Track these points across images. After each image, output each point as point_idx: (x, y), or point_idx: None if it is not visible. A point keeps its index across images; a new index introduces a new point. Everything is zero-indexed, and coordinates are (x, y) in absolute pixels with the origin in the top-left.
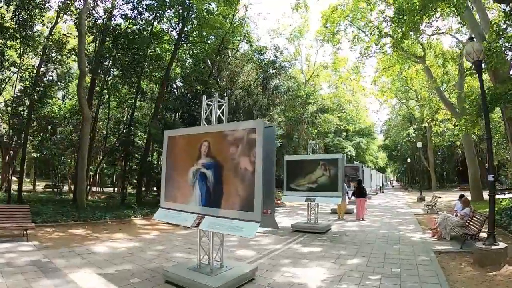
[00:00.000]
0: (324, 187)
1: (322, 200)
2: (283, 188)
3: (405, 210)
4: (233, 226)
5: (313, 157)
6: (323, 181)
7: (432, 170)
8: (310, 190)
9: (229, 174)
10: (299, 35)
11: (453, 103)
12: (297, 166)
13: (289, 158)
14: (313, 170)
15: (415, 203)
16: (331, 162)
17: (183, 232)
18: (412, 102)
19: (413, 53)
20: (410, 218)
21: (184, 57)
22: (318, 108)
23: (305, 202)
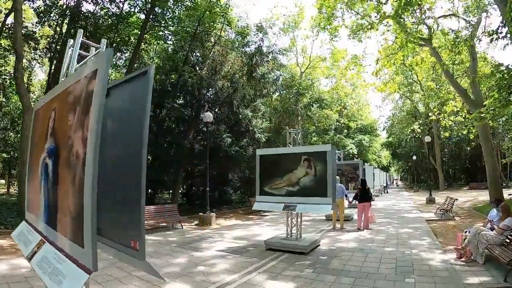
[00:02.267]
0: (309, 191)
1: (305, 209)
2: (256, 192)
3: (414, 214)
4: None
5: (293, 150)
6: (307, 182)
7: (439, 168)
8: (289, 194)
9: (64, 167)
10: (294, 25)
11: (466, 89)
12: (273, 163)
13: (263, 152)
14: (294, 168)
15: (424, 206)
16: (318, 157)
17: None
18: (417, 96)
19: (417, 35)
20: (422, 227)
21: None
22: (313, 99)
23: (284, 211)
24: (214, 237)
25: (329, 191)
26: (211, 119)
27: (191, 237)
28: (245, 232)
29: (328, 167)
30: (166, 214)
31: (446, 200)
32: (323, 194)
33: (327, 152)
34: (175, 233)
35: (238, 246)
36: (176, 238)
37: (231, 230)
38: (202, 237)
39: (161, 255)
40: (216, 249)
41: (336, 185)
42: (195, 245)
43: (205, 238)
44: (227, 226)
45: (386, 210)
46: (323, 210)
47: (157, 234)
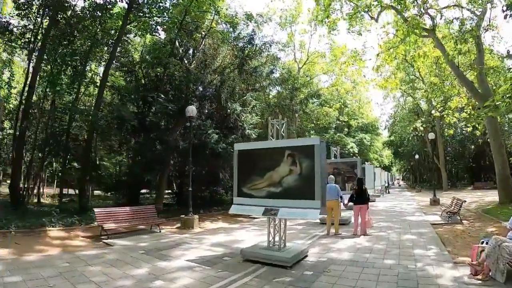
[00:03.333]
0: (293, 192)
1: (289, 213)
2: (233, 193)
3: (417, 217)
4: None
5: (275, 144)
6: (291, 182)
7: (442, 167)
8: (271, 196)
9: None
10: (291, 20)
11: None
12: (252, 159)
13: (241, 147)
14: (276, 165)
15: (428, 207)
16: (304, 152)
17: None
18: (419, 93)
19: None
20: (427, 232)
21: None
22: (309, 94)
23: (264, 216)
24: (191, 243)
25: (317, 193)
26: (195, 113)
27: (165, 242)
28: (227, 238)
29: (316, 164)
30: (143, 216)
31: (453, 202)
32: (310, 196)
33: (315, 146)
34: (150, 238)
35: (213, 255)
36: (148, 244)
37: (213, 235)
38: (177, 243)
39: (122, 264)
40: (187, 258)
41: (331, 185)
42: (165, 253)
43: (180, 244)
44: (211, 230)
45: (387, 212)
46: (310, 216)
47: (130, 238)
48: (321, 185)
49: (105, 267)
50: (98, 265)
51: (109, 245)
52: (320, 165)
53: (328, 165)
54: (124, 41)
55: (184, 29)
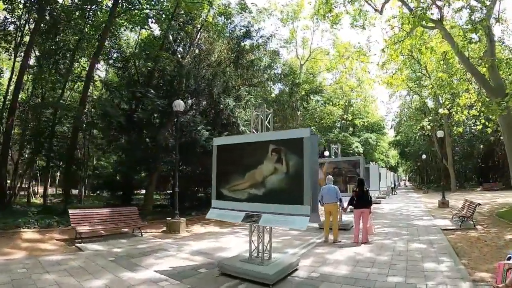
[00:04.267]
0: (278, 195)
1: (273, 221)
2: (212, 195)
3: (426, 221)
4: None
5: (258, 137)
6: (276, 182)
7: (450, 167)
8: (253, 199)
9: None
10: (293, 15)
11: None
12: (233, 156)
13: (221, 141)
14: (259, 162)
15: (437, 210)
16: (291, 146)
17: None
18: (426, 92)
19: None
20: (438, 240)
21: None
22: (310, 89)
23: (244, 222)
24: (169, 250)
25: (307, 196)
26: (182, 107)
27: (142, 248)
28: (212, 244)
29: (305, 161)
30: (123, 219)
31: (465, 205)
32: (298, 201)
33: (304, 139)
34: (128, 242)
35: (189, 265)
36: (123, 249)
37: (199, 240)
38: (154, 249)
39: (83, 273)
40: (157, 268)
41: (329, 187)
42: (136, 261)
43: (156, 251)
44: (197, 235)
45: (393, 216)
46: (298, 224)
47: (107, 242)
48: (311, 186)
49: (62, 276)
50: (56, 273)
51: (80, 250)
52: (310, 162)
53: (328, 164)
54: (115, 36)
55: (177, 21)
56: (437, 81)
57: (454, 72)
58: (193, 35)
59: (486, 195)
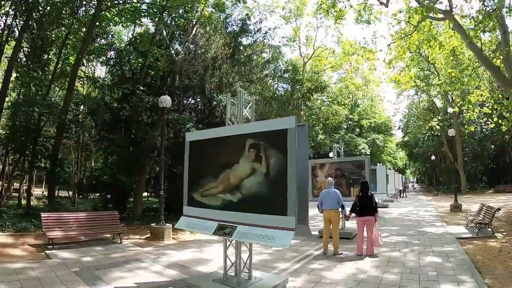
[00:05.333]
0: (256, 202)
1: (248, 236)
2: (183, 200)
3: (438, 228)
4: None
5: (233, 130)
6: (254, 187)
7: (461, 169)
8: (228, 207)
9: None
10: (296, 12)
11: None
12: (206, 153)
13: (194, 136)
14: (234, 161)
15: (449, 214)
16: (272, 140)
17: None
18: (434, 90)
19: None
20: (454, 252)
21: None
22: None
23: (216, 236)
24: (144, 261)
25: (291, 205)
26: (169, 104)
27: (115, 257)
28: (194, 255)
29: (289, 159)
30: (101, 224)
31: (481, 210)
32: (280, 210)
33: (288, 131)
34: (103, 250)
35: (158, 282)
36: (94, 259)
37: (181, 250)
38: (127, 260)
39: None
40: (120, 284)
41: (329, 191)
42: (102, 273)
43: (129, 262)
44: (182, 243)
45: (403, 221)
46: (279, 241)
47: (80, 250)
48: (298, 191)
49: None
50: (7, 284)
51: (48, 258)
52: (296, 160)
53: (330, 165)
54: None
55: (170, 15)
56: (446, 77)
57: (465, 67)
58: (189, 30)
59: (500, 198)
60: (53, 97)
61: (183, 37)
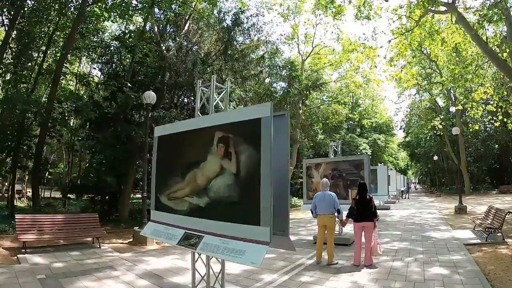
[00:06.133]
0: (225, 208)
1: (215, 248)
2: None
3: (443, 233)
4: None
5: (202, 122)
6: (222, 189)
7: (464, 169)
8: (194, 213)
9: None
10: (295, 9)
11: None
12: (173, 150)
13: (163, 131)
14: (201, 158)
15: (453, 217)
16: (243, 133)
17: None
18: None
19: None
20: (462, 261)
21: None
22: (309, 83)
23: (181, 246)
24: (118, 269)
25: (265, 212)
26: (154, 100)
27: (88, 264)
28: (174, 263)
29: (263, 155)
30: (79, 227)
31: (489, 213)
32: (251, 218)
33: (262, 121)
34: (78, 256)
35: None
36: (66, 265)
37: (162, 256)
38: (101, 267)
39: None
40: None
41: (324, 194)
42: (67, 282)
43: (102, 269)
44: (165, 248)
45: (405, 225)
46: (250, 257)
47: (54, 254)
48: (274, 196)
49: None
50: None
51: (18, 263)
52: (270, 158)
53: (326, 165)
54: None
55: (160, 8)
56: (449, 74)
57: (469, 63)
58: (181, 26)
59: (505, 199)
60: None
61: (176, 33)
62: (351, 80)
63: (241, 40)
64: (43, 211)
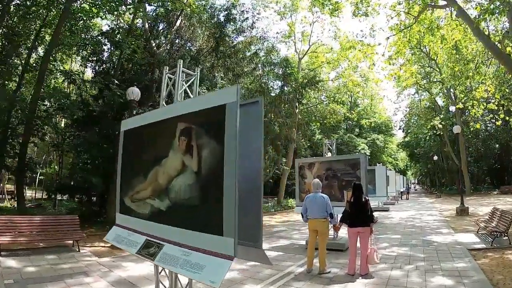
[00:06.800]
0: (186, 212)
1: (173, 260)
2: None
3: (446, 237)
4: None
5: (165, 113)
6: (183, 189)
7: (465, 169)
8: (156, 217)
9: None
10: (291, 7)
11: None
12: (137, 145)
13: (129, 124)
14: (163, 155)
15: (455, 218)
16: (206, 125)
17: None
18: (436, 88)
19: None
20: (467, 269)
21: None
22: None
23: (139, 256)
24: (91, 275)
25: (229, 220)
26: (138, 96)
27: (62, 269)
28: (152, 270)
29: (227, 151)
30: (58, 229)
31: (494, 215)
32: (213, 227)
33: (227, 108)
34: (54, 259)
35: None
36: (38, 269)
37: (141, 262)
38: (74, 272)
39: None
40: None
41: (316, 196)
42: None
43: (73, 275)
44: None
45: (404, 228)
46: (207, 273)
47: (30, 258)
48: (237, 200)
49: None
50: None
51: None
52: (236, 153)
53: (320, 165)
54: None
55: (149, 3)
56: (449, 72)
57: (470, 59)
58: (173, 23)
59: (507, 200)
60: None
61: (168, 30)
62: (349, 79)
63: (234, 36)
64: (31, 212)
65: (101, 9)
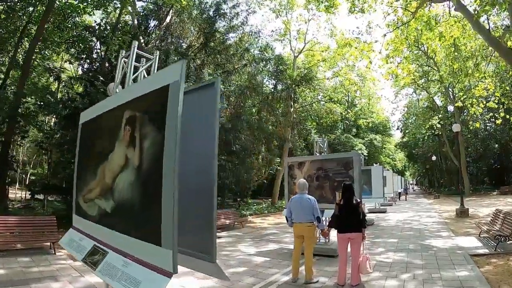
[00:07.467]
0: (127, 214)
1: (115, 270)
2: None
3: (445, 241)
4: None
5: (116, 100)
6: (126, 188)
7: (463, 169)
8: (102, 219)
9: None
10: (287, 5)
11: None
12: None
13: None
14: (111, 148)
15: (455, 220)
16: (148, 111)
17: None
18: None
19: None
20: (469, 278)
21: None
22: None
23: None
24: (62, 280)
25: (167, 228)
26: None
27: (31, 273)
28: None
29: (168, 140)
30: (35, 230)
31: (498, 217)
32: (151, 235)
33: (170, 88)
34: (27, 262)
35: None
36: (8, 272)
37: None
38: (44, 276)
39: None
40: None
41: (302, 197)
42: None
43: (43, 279)
44: None
45: (402, 231)
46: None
47: (4, 260)
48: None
49: None
50: None
51: None
52: (176, 143)
53: (310, 164)
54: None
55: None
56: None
57: (469, 56)
58: (163, 18)
59: (508, 200)
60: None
61: (157, 26)
62: (345, 77)
63: (225, 33)
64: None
65: (88, 4)
